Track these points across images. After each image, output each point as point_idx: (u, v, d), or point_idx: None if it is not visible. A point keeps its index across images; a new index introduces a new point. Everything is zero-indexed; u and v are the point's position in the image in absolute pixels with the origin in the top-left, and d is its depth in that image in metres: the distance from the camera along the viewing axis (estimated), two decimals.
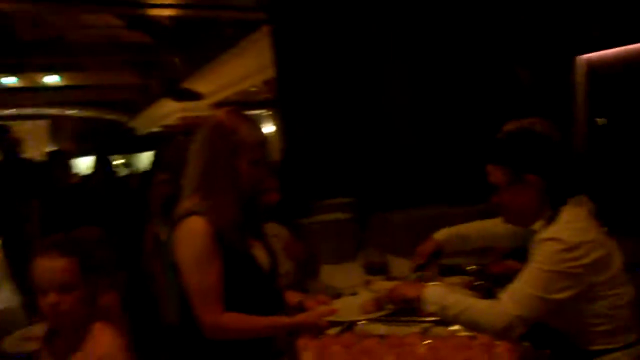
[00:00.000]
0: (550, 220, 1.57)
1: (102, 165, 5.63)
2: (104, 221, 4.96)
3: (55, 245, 1.69)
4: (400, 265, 3.04)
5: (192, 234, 1.70)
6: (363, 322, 1.79)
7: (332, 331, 1.71)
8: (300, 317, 1.71)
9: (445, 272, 2.38)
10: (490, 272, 2.36)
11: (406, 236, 3.52)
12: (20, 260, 5.27)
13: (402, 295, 1.71)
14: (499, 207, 1.71)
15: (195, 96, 12.87)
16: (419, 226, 3.47)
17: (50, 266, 1.66)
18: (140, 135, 18.68)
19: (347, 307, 1.78)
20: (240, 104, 12.70)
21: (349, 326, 1.80)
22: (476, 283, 2.21)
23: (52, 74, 13.85)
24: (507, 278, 1.64)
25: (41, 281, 1.66)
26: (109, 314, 1.86)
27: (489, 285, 2.16)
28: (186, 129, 15.77)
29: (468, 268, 2.49)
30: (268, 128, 14.41)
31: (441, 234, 2.14)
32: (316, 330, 1.62)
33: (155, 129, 16.83)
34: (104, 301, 1.90)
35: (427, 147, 4.58)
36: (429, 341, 1.30)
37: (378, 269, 2.77)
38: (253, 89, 10.89)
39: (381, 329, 1.66)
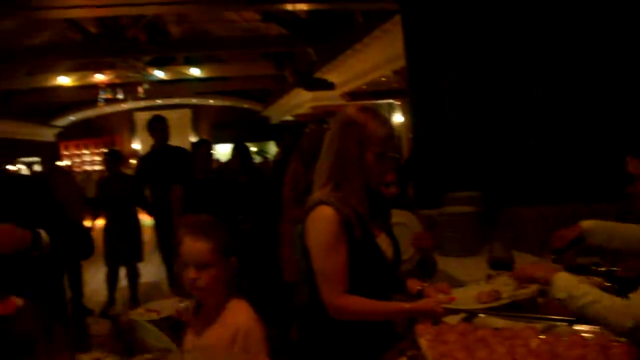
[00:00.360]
0: None
1: (240, 152, 5.98)
2: (241, 207, 5.32)
3: (196, 227, 1.90)
4: (522, 260, 2.99)
5: (322, 222, 1.84)
6: (482, 315, 1.82)
7: (452, 320, 1.77)
8: (419, 304, 1.79)
9: (573, 269, 2.32)
10: (621, 275, 2.26)
11: (534, 233, 3.45)
12: (167, 239, 5.80)
13: (530, 275, 1.71)
14: (634, 198, 1.67)
15: (327, 86, 13.17)
16: (548, 223, 3.40)
17: (191, 245, 1.88)
18: (273, 124, 19.46)
19: (465, 297, 1.81)
20: (370, 94, 12.83)
21: (469, 317, 1.84)
22: (605, 285, 2.14)
23: (195, 67, 14.84)
24: (637, 282, 1.59)
25: (184, 258, 1.89)
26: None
27: (617, 288, 2.08)
28: (317, 118, 16.23)
29: (598, 269, 2.41)
30: (397, 118, 14.42)
31: (588, 223, 2.09)
32: (434, 317, 1.69)
33: (287, 118, 17.41)
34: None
35: (562, 142, 4.42)
36: (544, 337, 1.32)
37: (503, 264, 2.73)
38: (383, 79, 10.92)
39: (500, 322, 1.68)
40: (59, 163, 12.41)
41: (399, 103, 13.54)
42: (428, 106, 5.31)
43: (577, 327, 1.55)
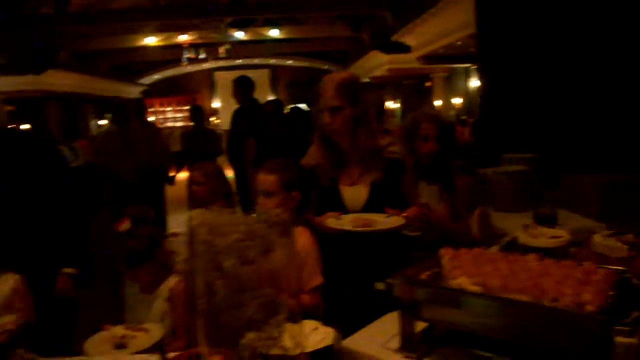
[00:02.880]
0: None
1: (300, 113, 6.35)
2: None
3: (269, 165, 2.41)
4: (571, 220, 3.17)
5: None
6: None
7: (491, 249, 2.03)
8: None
9: None
10: None
11: (592, 199, 3.58)
12: (244, 187, 6.27)
13: None
14: None
15: (403, 49, 13.22)
16: (607, 191, 3.52)
17: (263, 178, 2.37)
18: None
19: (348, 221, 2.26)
20: (446, 58, 12.81)
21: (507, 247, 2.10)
22: None
23: (274, 28, 15.21)
24: None
25: (257, 188, 2.39)
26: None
27: None
28: (393, 80, 16.30)
29: None
30: (474, 82, 14.30)
31: None
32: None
33: (364, 80, 17.58)
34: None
35: (627, 113, 4.45)
36: (546, 259, 1.56)
37: (546, 219, 2.88)
38: (459, 44, 10.89)
39: None
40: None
41: (475, 67, 13.40)
42: (496, 70, 5.43)
43: None
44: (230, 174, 6.79)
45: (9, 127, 2.94)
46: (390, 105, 17.47)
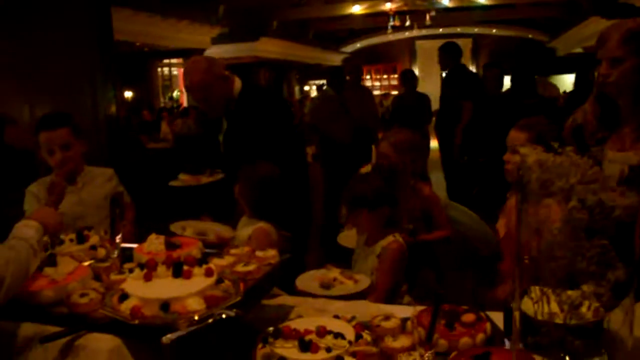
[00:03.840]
0: None
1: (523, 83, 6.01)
2: None
3: (522, 123, 2.40)
4: None
5: None
6: None
7: None
8: None
9: None
10: None
11: None
12: (449, 157, 6.24)
13: None
14: None
15: (633, 12, 11.85)
16: None
17: (514, 135, 2.39)
18: (559, 57, 18.23)
19: None
20: None
21: None
22: None
23: None
24: None
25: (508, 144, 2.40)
26: None
27: None
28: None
29: None
30: None
31: None
32: None
33: (577, 50, 16.17)
34: None
35: None
36: None
37: None
38: None
39: None
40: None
41: None
42: None
43: None
44: (434, 142, 6.76)
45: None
46: None
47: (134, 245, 2.10)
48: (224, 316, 1.48)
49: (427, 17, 14.94)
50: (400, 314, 1.75)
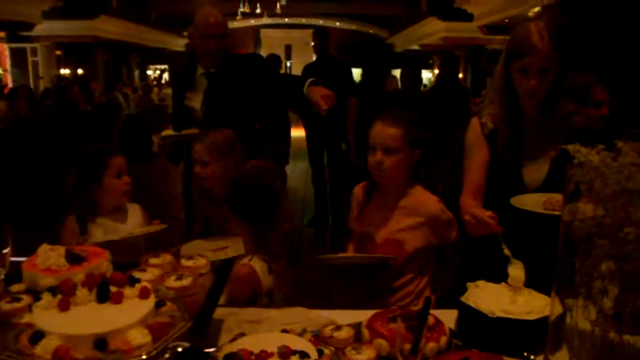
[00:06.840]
0: None
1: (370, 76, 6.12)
2: None
3: (390, 115, 2.01)
4: None
5: (467, 129, 1.99)
6: None
7: None
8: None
9: None
10: None
11: None
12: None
13: None
14: None
15: (464, 17, 12.79)
16: None
17: (381, 130, 1.98)
18: (396, 52, 19.19)
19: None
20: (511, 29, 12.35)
21: None
22: None
23: None
24: None
25: (372, 141, 2.00)
26: None
27: None
28: (446, 49, 15.83)
29: None
30: None
31: None
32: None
33: (413, 47, 17.13)
34: None
35: None
36: None
37: None
38: (531, 14, 10.46)
39: None
40: None
41: None
42: None
43: None
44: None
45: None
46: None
47: (20, 260, 1.64)
48: (179, 349, 1.22)
49: (278, 5, 14.88)
50: (343, 320, 1.59)
